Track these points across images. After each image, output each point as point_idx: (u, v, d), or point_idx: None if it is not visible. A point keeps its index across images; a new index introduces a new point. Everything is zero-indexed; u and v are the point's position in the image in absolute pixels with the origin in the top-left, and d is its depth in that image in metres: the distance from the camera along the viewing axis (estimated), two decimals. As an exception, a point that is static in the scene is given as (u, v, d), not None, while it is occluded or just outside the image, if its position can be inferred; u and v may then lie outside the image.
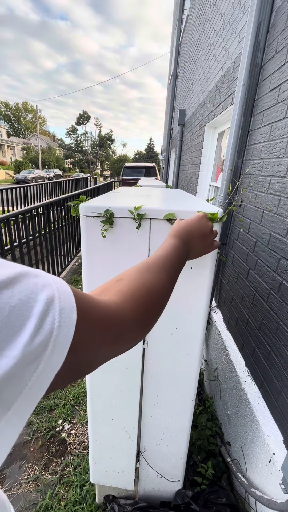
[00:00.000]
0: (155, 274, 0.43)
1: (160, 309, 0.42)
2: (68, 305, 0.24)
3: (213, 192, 3.05)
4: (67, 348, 0.23)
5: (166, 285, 0.44)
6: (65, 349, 0.23)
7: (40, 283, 0.23)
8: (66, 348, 0.23)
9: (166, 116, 10.80)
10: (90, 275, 0.92)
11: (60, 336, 0.23)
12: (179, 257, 0.53)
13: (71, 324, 0.24)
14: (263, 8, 1.35)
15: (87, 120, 49.96)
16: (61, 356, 0.23)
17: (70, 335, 0.24)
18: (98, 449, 1.19)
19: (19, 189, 6.55)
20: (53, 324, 0.22)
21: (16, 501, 1.37)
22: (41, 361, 0.21)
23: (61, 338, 0.23)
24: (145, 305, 0.37)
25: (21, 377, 0.20)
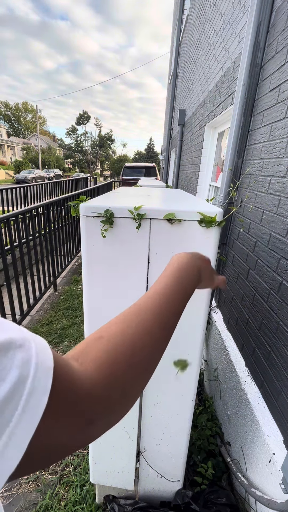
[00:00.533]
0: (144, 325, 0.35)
1: (146, 375, 0.34)
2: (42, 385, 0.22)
3: (213, 192, 3.06)
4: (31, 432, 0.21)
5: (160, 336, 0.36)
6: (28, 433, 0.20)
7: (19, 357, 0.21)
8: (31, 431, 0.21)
9: (166, 116, 10.80)
10: (90, 275, 0.92)
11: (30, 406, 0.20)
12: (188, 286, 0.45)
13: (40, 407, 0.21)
14: (263, 8, 1.35)
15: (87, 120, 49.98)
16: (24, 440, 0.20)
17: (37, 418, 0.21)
18: (98, 449, 1.19)
19: (19, 189, 6.54)
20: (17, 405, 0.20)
21: (16, 501, 1.37)
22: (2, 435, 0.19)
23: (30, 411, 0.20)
24: (131, 379, 0.31)
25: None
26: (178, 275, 0.46)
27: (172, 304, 0.40)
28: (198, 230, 0.83)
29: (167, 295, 0.41)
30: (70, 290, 3.65)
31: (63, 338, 2.62)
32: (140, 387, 0.34)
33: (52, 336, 2.64)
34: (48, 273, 3.42)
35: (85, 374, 0.27)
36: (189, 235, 0.84)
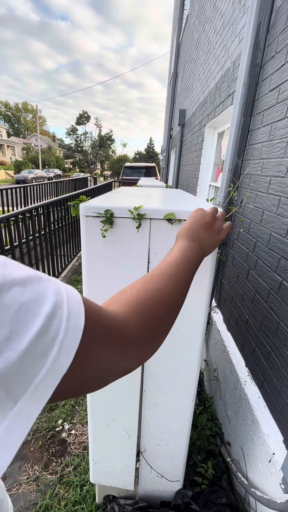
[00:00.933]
0: (160, 283, 0.41)
1: (167, 319, 0.40)
2: (76, 310, 0.25)
3: (213, 192, 3.05)
4: (74, 351, 0.24)
5: (173, 294, 0.41)
6: (71, 352, 0.24)
7: (51, 287, 0.24)
8: (73, 351, 0.24)
9: (166, 116, 10.80)
10: (90, 275, 0.92)
11: (67, 338, 0.23)
12: (190, 258, 0.51)
13: (79, 328, 0.24)
14: (263, 8, 1.35)
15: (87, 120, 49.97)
16: (67, 358, 0.23)
17: (77, 338, 0.24)
18: (98, 449, 1.19)
19: (19, 189, 6.55)
20: (60, 325, 0.23)
21: (16, 501, 1.37)
22: (47, 360, 0.22)
23: (68, 340, 0.23)
24: (150, 315, 0.36)
25: (27, 373, 0.21)
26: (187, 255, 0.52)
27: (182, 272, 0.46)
28: (198, 230, 0.83)
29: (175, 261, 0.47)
30: (70, 290, 3.65)
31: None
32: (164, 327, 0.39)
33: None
34: (48, 273, 3.41)
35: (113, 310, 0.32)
36: (189, 235, 0.84)
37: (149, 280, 0.42)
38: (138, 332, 0.33)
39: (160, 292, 0.39)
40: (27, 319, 0.21)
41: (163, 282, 0.41)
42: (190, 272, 0.49)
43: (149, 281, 0.41)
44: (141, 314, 0.34)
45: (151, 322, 0.35)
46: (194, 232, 0.59)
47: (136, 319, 0.33)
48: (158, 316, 0.37)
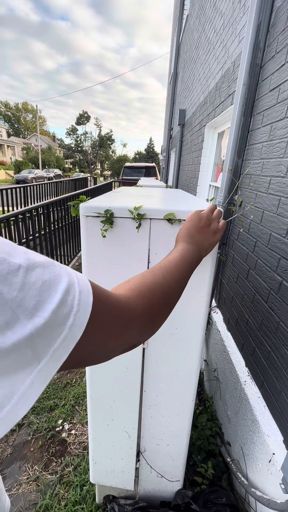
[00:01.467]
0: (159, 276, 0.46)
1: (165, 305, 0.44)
2: (86, 289, 0.30)
3: (213, 192, 3.05)
4: (85, 322, 0.28)
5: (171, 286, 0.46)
6: (84, 323, 0.28)
7: (64, 270, 0.29)
8: (85, 322, 0.28)
9: (166, 116, 10.80)
10: (90, 275, 0.92)
11: (80, 311, 0.28)
12: (188, 259, 0.56)
13: (88, 304, 0.29)
14: (263, 8, 1.35)
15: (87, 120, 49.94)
16: (80, 328, 0.28)
17: (87, 312, 0.28)
18: (98, 449, 1.19)
19: (19, 189, 6.55)
20: (74, 300, 0.27)
21: (16, 501, 1.37)
22: (64, 328, 0.26)
23: (80, 313, 0.28)
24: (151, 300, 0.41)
25: (50, 337, 0.25)
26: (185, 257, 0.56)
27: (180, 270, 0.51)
28: (198, 230, 0.83)
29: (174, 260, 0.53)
30: (70, 290, 3.65)
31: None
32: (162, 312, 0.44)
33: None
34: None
35: (118, 294, 0.37)
36: (189, 235, 0.84)
37: (150, 273, 0.47)
38: (139, 311, 0.38)
39: (159, 283, 0.44)
40: (49, 293, 0.26)
41: (162, 275, 0.47)
42: (187, 272, 0.54)
43: (149, 274, 0.46)
44: (142, 297, 0.40)
45: (151, 304, 0.41)
46: (191, 235, 0.64)
47: (138, 301, 0.39)
48: (157, 300, 0.42)
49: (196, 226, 0.66)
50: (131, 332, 0.37)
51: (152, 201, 1.05)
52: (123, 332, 0.36)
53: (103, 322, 0.32)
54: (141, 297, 0.40)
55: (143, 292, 0.40)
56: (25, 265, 0.25)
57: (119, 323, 0.35)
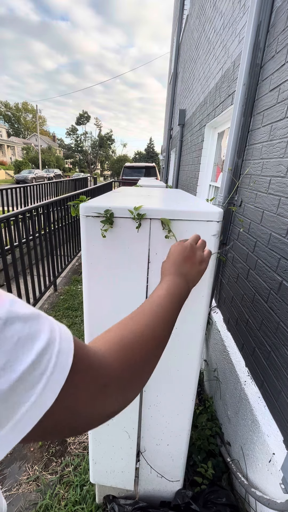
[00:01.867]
0: (143, 325, 0.42)
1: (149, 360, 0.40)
2: (66, 349, 0.27)
3: (213, 192, 3.06)
4: (59, 387, 0.25)
5: (156, 334, 0.42)
6: (57, 388, 0.25)
7: (47, 325, 0.26)
8: (59, 387, 0.25)
9: (166, 116, 10.80)
10: (90, 275, 0.92)
11: (54, 374, 0.25)
12: (175, 294, 0.53)
13: (67, 365, 0.26)
14: (263, 8, 1.35)
15: (87, 120, 49.93)
16: (53, 393, 0.25)
17: (64, 375, 0.26)
18: (98, 449, 1.19)
19: (19, 189, 6.54)
20: (50, 362, 0.25)
21: (16, 501, 1.37)
22: (34, 393, 0.23)
23: (55, 376, 0.25)
24: (131, 354, 0.37)
25: (15, 402, 0.22)
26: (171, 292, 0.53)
27: (166, 310, 0.47)
28: (198, 230, 0.83)
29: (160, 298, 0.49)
30: (70, 290, 3.65)
31: (63, 338, 2.62)
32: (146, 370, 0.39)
33: (52, 336, 2.64)
34: (48, 273, 3.41)
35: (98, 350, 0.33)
36: (189, 235, 0.84)
37: (133, 320, 0.43)
38: (119, 370, 0.34)
39: (142, 334, 0.40)
40: (23, 352, 0.23)
41: (146, 323, 0.43)
42: (174, 309, 0.50)
43: (133, 322, 0.42)
44: (123, 353, 0.36)
45: (133, 361, 0.36)
46: (177, 266, 0.61)
47: (118, 357, 0.35)
48: (139, 356, 0.38)
49: (182, 256, 0.63)
50: (111, 397, 0.33)
51: (152, 201, 1.05)
52: (102, 397, 0.31)
53: (81, 385, 0.28)
54: (122, 353, 0.36)
55: (125, 347, 0.36)
56: (4, 317, 0.23)
57: (98, 384, 0.31)
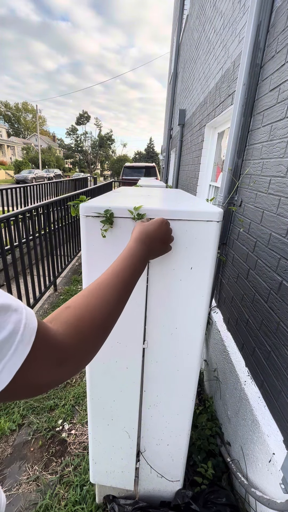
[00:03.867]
0: (103, 298, 0.46)
1: (103, 334, 0.45)
2: (27, 340, 0.31)
3: (213, 192, 3.06)
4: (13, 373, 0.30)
5: (115, 306, 0.48)
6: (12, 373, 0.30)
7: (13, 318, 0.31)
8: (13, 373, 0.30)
9: (166, 116, 10.80)
10: (90, 275, 0.92)
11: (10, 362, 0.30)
12: (139, 262, 0.59)
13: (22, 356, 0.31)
14: (263, 8, 1.35)
15: (87, 120, 49.91)
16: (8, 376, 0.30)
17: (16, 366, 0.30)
18: (98, 449, 1.19)
19: (19, 189, 6.54)
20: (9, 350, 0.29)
21: (16, 501, 1.37)
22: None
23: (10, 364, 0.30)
24: (87, 335, 0.41)
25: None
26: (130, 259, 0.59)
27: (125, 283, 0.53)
28: (198, 230, 0.83)
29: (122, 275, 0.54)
30: (70, 290, 3.65)
31: (63, 338, 2.62)
32: (98, 343, 0.44)
33: (52, 336, 2.64)
34: (48, 273, 3.41)
35: (56, 331, 0.38)
36: (189, 234, 0.84)
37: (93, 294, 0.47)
38: (74, 349, 0.39)
39: (100, 309, 0.45)
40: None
41: (106, 295, 0.47)
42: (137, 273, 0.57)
43: (92, 296, 0.46)
44: (79, 336, 0.40)
45: (87, 341, 0.41)
46: (152, 240, 0.67)
47: (74, 340, 0.39)
48: (95, 334, 0.42)
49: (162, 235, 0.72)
50: (66, 368, 0.37)
51: (152, 201, 1.05)
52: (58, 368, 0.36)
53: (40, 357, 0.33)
54: (77, 334, 0.40)
55: (80, 329, 0.40)
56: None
57: (54, 359, 0.35)
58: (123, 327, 0.97)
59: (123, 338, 0.99)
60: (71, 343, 0.38)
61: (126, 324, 0.96)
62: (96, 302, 0.45)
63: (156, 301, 0.93)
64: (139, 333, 0.98)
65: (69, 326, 0.40)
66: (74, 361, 0.39)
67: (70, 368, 0.38)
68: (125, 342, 0.99)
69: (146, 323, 0.97)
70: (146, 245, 0.65)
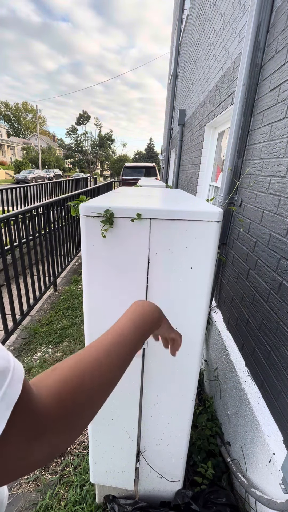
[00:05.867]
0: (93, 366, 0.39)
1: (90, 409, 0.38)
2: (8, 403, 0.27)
3: (213, 192, 3.06)
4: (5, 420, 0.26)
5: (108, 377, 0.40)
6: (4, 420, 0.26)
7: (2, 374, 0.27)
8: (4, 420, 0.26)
9: (166, 116, 10.80)
10: (90, 275, 0.92)
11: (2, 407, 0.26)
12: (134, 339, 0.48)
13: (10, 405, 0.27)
14: (263, 8, 1.35)
15: (87, 120, 49.90)
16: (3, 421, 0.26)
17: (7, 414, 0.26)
18: (98, 449, 1.19)
19: (19, 189, 6.54)
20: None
21: (16, 501, 1.37)
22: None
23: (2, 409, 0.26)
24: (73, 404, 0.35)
25: None
26: (137, 320, 0.50)
27: (126, 348, 0.45)
28: (198, 230, 0.83)
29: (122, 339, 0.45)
30: (70, 290, 3.65)
31: (63, 338, 2.62)
32: (85, 417, 0.37)
33: (52, 336, 2.64)
34: (48, 273, 3.41)
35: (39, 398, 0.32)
36: (189, 234, 0.84)
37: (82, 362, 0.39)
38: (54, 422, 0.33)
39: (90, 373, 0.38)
40: None
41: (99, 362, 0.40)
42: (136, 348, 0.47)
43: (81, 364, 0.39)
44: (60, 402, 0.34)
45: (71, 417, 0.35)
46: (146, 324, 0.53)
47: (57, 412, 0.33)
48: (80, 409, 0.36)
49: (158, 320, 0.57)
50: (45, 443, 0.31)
51: (152, 201, 1.05)
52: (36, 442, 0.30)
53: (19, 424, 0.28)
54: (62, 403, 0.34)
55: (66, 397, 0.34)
56: None
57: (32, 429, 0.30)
58: (123, 327, 0.97)
59: (123, 338, 0.99)
60: (50, 413, 0.32)
61: (126, 324, 0.96)
62: (86, 366, 0.39)
63: (156, 301, 0.93)
64: (139, 333, 0.98)
65: (54, 394, 0.34)
66: (54, 435, 0.32)
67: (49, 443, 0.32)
68: (125, 342, 0.99)
69: (146, 323, 0.97)
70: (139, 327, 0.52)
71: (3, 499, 0.54)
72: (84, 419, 0.37)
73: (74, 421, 0.35)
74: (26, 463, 0.30)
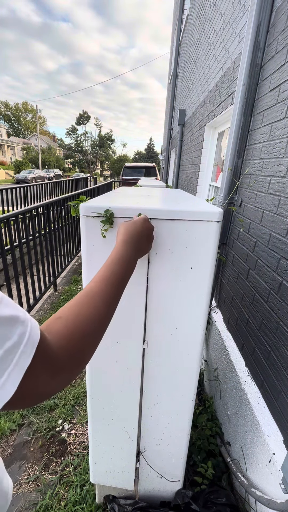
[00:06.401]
0: (93, 306, 0.47)
1: (95, 341, 0.46)
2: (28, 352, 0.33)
3: (213, 192, 3.06)
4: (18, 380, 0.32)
5: (105, 313, 0.49)
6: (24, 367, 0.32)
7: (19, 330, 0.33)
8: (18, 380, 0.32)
9: (166, 116, 10.79)
10: (90, 275, 0.92)
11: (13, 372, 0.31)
12: (128, 264, 0.61)
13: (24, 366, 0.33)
14: (263, 8, 1.35)
15: (87, 120, 49.87)
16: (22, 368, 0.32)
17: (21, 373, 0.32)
18: (98, 449, 1.19)
19: (19, 189, 6.54)
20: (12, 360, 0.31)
21: (16, 501, 1.37)
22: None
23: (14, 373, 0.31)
24: (79, 345, 0.42)
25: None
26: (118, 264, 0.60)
27: (115, 288, 0.53)
28: (198, 230, 0.83)
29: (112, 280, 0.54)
30: (70, 290, 3.65)
31: (63, 338, 2.62)
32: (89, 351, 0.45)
33: (52, 336, 2.64)
34: (48, 273, 3.41)
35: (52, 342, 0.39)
36: (189, 234, 0.84)
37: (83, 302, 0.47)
38: (67, 362, 0.40)
39: (91, 318, 0.45)
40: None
41: (96, 303, 0.48)
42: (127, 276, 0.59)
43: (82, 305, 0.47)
44: (70, 346, 0.41)
45: (79, 351, 0.42)
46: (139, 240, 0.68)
47: (66, 351, 0.40)
48: (86, 344, 0.44)
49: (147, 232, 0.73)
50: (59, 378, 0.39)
51: (152, 201, 1.05)
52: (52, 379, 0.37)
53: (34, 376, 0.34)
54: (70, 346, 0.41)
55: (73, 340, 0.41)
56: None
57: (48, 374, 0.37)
58: (123, 327, 0.97)
59: (123, 338, 0.99)
60: (64, 355, 0.39)
61: (126, 324, 0.96)
62: (86, 311, 0.46)
63: (156, 301, 0.93)
64: (139, 333, 0.98)
65: (61, 337, 0.41)
66: (68, 371, 0.40)
67: (64, 378, 0.40)
68: (125, 342, 0.99)
69: (146, 323, 0.97)
70: (133, 246, 0.65)
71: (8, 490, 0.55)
72: (90, 352, 0.45)
73: (83, 356, 0.43)
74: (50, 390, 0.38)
